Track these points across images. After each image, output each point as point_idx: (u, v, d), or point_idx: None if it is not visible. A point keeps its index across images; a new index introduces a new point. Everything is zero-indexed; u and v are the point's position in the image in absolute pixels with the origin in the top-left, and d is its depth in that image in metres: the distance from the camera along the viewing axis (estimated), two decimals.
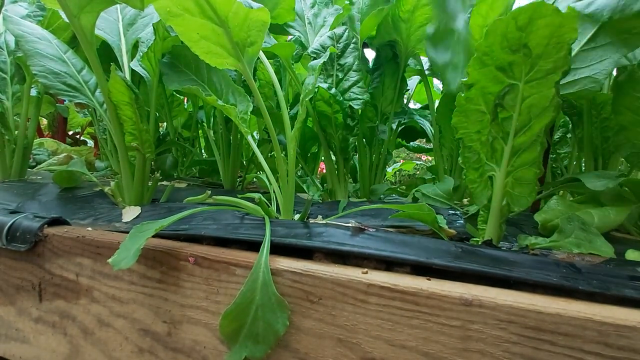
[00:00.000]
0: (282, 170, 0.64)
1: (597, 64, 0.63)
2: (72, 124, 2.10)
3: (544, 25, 0.43)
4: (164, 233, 0.55)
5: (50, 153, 1.57)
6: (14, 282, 0.62)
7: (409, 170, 2.57)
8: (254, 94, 0.64)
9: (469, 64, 0.50)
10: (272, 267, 0.45)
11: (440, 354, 0.38)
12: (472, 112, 0.53)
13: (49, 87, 0.75)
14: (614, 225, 0.62)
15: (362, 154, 1.06)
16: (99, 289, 0.56)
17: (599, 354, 0.33)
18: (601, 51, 0.63)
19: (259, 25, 0.60)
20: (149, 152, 0.75)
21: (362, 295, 0.41)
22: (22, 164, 1.11)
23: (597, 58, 0.63)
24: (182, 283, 0.51)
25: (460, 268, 0.42)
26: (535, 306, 0.35)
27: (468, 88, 0.52)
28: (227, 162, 1.13)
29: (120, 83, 0.67)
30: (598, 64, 0.63)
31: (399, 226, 0.64)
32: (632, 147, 0.69)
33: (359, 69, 0.93)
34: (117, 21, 0.86)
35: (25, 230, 0.60)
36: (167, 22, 0.59)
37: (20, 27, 0.77)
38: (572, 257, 0.50)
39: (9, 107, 1.07)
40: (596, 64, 0.63)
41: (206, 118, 1.26)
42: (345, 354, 0.42)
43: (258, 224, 0.57)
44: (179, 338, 0.51)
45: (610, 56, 0.62)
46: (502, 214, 0.54)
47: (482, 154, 0.55)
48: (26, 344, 0.61)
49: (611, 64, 0.62)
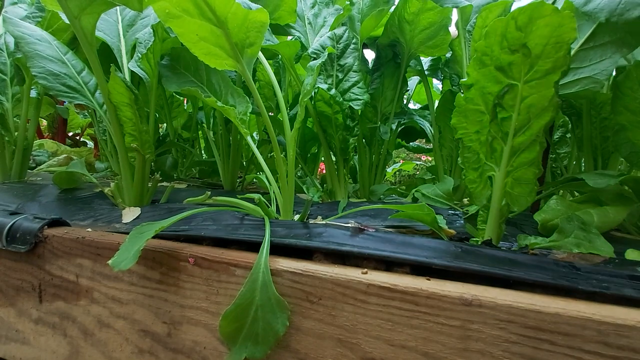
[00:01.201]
0: (281, 171, 0.64)
1: (597, 63, 0.62)
2: (72, 125, 2.10)
3: (543, 25, 0.43)
4: (163, 234, 0.55)
5: (50, 154, 1.57)
6: (14, 284, 0.62)
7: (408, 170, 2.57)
8: (254, 94, 0.64)
9: (469, 64, 0.50)
10: (272, 267, 0.45)
11: (440, 353, 0.38)
12: (472, 112, 0.53)
13: (49, 88, 0.75)
14: (614, 224, 0.62)
15: (362, 154, 1.06)
16: (99, 290, 0.56)
17: (598, 353, 0.33)
18: (601, 50, 0.62)
19: (258, 26, 0.60)
20: (148, 153, 0.75)
21: (362, 296, 0.41)
22: (22, 165, 1.11)
23: (596, 57, 0.62)
24: (182, 284, 0.51)
25: (460, 268, 0.42)
26: (534, 306, 0.35)
27: (467, 88, 0.52)
28: (227, 163, 1.13)
29: (119, 84, 0.67)
30: (598, 64, 0.62)
31: (399, 226, 0.64)
32: (632, 147, 0.69)
33: (359, 69, 0.93)
34: (117, 22, 0.86)
35: (25, 231, 0.60)
36: (166, 23, 0.59)
37: (20, 29, 0.78)
38: (571, 257, 0.50)
39: (8, 108, 1.07)
40: (596, 63, 0.62)
41: (206, 119, 1.26)
42: (345, 354, 0.42)
43: (258, 225, 0.57)
44: (178, 339, 0.51)
45: (611, 56, 0.61)
46: (501, 214, 0.54)
47: (481, 154, 0.55)
48: (26, 345, 0.61)
49: (612, 63, 0.61)
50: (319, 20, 1.01)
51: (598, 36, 0.63)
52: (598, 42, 0.63)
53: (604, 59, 0.62)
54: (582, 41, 0.64)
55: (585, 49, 0.64)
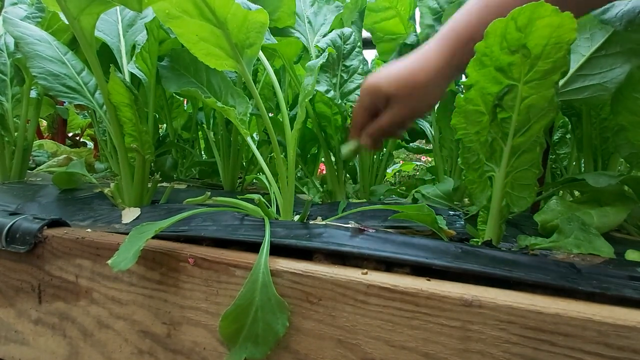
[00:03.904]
0: (281, 172, 0.64)
1: (607, 71, 0.63)
2: (72, 125, 2.10)
3: (543, 26, 0.43)
4: (163, 234, 0.55)
5: (50, 155, 1.57)
6: (14, 284, 0.62)
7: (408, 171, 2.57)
8: (254, 95, 0.64)
9: (469, 64, 0.50)
10: (272, 268, 0.45)
11: (440, 354, 0.38)
12: (472, 112, 0.53)
13: (49, 88, 0.75)
14: (614, 225, 0.62)
15: (362, 154, 1.06)
16: (98, 291, 0.56)
17: (599, 354, 0.33)
18: (612, 59, 0.63)
19: (257, 26, 0.60)
20: (148, 153, 0.75)
21: (362, 296, 0.41)
22: (22, 166, 1.11)
23: (607, 66, 0.63)
24: (181, 284, 0.50)
25: (460, 268, 0.42)
26: (535, 306, 0.35)
27: (467, 89, 0.52)
28: (227, 164, 1.13)
29: (119, 84, 0.67)
30: (608, 72, 0.63)
31: (399, 227, 0.64)
32: (632, 148, 0.69)
33: (364, 72, 0.93)
34: (117, 23, 0.86)
35: (24, 231, 0.60)
36: (166, 24, 0.59)
37: (20, 29, 0.77)
38: (571, 258, 0.50)
39: (8, 108, 1.07)
40: (607, 71, 0.63)
41: (206, 119, 1.26)
42: (345, 355, 0.42)
43: (258, 225, 0.57)
44: (178, 339, 0.50)
45: (621, 65, 0.62)
46: (501, 215, 0.54)
47: (481, 155, 0.55)
48: (25, 346, 0.61)
49: (622, 72, 0.62)
50: (319, 19, 1.00)
51: (610, 45, 0.64)
52: (610, 51, 0.64)
53: (614, 67, 0.63)
54: (594, 49, 0.65)
55: (597, 56, 0.65)
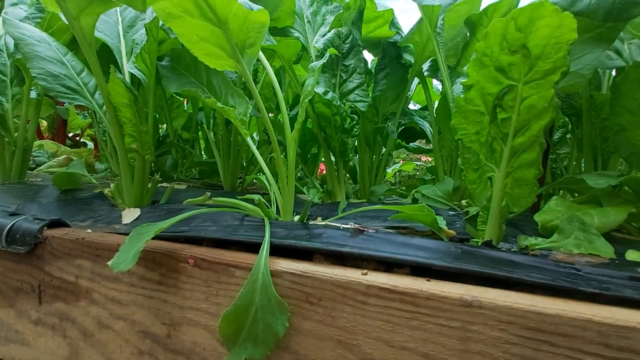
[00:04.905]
0: (281, 172, 0.64)
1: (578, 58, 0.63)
2: (72, 125, 2.10)
3: (543, 26, 0.43)
4: (163, 235, 0.55)
5: (50, 155, 1.57)
6: (14, 285, 0.62)
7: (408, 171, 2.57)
8: (254, 95, 0.64)
9: (469, 65, 0.50)
10: (272, 268, 0.45)
11: (440, 355, 0.38)
12: (471, 113, 0.53)
13: (49, 89, 0.75)
14: (614, 225, 0.62)
15: (362, 154, 1.06)
16: (98, 291, 0.56)
17: (599, 354, 0.33)
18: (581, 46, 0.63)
19: (258, 26, 0.60)
20: (148, 153, 0.75)
21: (362, 297, 0.41)
22: (22, 166, 1.11)
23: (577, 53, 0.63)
24: (181, 285, 0.50)
25: (460, 269, 0.42)
26: (535, 307, 0.35)
27: (467, 89, 0.52)
28: (227, 164, 1.13)
29: (119, 85, 0.67)
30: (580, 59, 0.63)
31: (399, 227, 0.64)
32: (631, 148, 0.69)
33: (363, 72, 0.93)
34: (117, 23, 0.86)
35: (25, 232, 0.60)
36: (167, 23, 0.59)
37: (20, 30, 0.77)
38: (572, 258, 0.50)
39: (8, 109, 1.07)
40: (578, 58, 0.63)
41: (206, 119, 1.26)
42: (345, 356, 0.42)
43: (258, 226, 0.57)
44: (178, 340, 0.50)
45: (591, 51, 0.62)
46: (501, 215, 0.54)
47: (481, 155, 0.55)
48: (26, 346, 0.61)
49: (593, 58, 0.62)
50: (318, 19, 1.00)
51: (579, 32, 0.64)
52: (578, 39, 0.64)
53: (585, 54, 0.63)
54: None
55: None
